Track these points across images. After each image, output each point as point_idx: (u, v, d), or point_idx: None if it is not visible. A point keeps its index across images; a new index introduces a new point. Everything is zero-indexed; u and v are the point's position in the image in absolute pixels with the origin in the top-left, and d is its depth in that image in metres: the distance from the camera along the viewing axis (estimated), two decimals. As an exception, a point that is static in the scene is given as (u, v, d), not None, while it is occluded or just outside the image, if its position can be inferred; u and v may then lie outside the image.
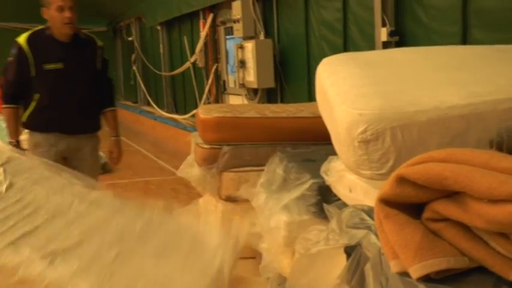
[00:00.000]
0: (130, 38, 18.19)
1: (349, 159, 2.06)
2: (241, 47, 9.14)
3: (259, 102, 9.36)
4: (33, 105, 4.02)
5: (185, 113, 13.54)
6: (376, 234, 1.68)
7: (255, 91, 9.42)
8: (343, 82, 2.25)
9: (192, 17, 12.61)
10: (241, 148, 3.66)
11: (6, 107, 4.05)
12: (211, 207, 3.98)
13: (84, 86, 4.17)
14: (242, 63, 9.15)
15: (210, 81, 11.65)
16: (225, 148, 3.63)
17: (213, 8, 11.28)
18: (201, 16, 11.74)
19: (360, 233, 1.75)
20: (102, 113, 4.38)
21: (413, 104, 2.01)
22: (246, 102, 9.77)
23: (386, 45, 6.25)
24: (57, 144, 4.05)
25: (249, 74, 9.07)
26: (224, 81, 11.31)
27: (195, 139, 3.97)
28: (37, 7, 4.17)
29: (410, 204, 1.55)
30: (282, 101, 8.98)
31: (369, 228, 1.75)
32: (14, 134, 4.06)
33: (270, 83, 8.90)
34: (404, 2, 6.14)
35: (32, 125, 4.08)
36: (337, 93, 2.15)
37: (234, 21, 9.46)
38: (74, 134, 4.14)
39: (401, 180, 1.51)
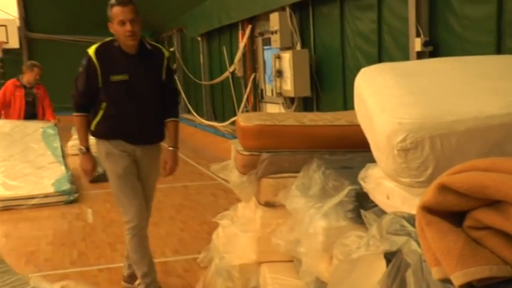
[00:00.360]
0: (171, 49, 18.34)
1: (388, 166, 2.02)
2: (279, 57, 9.15)
3: (295, 110, 9.35)
4: (100, 114, 3.98)
5: (224, 120, 13.59)
6: (416, 241, 1.65)
7: (291, 100, 9.41)
8: (382, 91, 2.22)
9: (232, 29, 12.67)
10: (279, 155, 3.63)
11: (76, 115, 4.03)
12: (250, 212, 3.97)
13: (149, 97, 4.09)
14: (279, 73, 9.16)
15: (248, 90, 11.67)
16: (264, 155, 3.60)
17: (252, 20, 11.32)
18: (240, 27, 11.78)
19: (400, 240, 1.72)
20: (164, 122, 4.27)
21: (452, 113, 1.97)
22: (283, 110, 9.77)
23: (420, 55, 6.18)
24: (125, 150, 4.03)
25: (286, 83, 9.07)
26: (262, 90, 11.33)
27: (235, 146, 3.97)
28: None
29: (452, 212, 1.52)
30: (318, 109, 8.96)
31: (409, 235, 1.71)
32: (84, 140, 4.07)
33: (306, 92, 8.88)
34: (438, 12, 6.07)
35: (99, 133, 4.04)
36: (376, 103, 2.12)
37: (272, 33, 9.48)
38: (138, 144, 4.08)
39: (444, 188, 1.48)
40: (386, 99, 2.09)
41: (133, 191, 4.05)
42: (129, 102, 3.99)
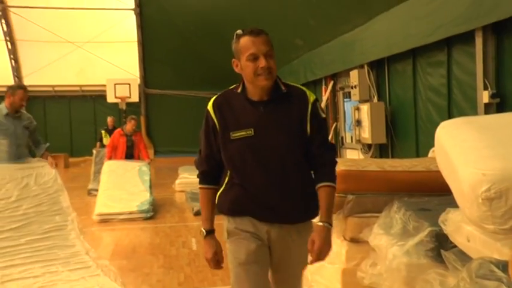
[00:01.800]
0: (263, 101, 18.59)
1: (472, 213, 1.92)
2: (358, 109, 9.06)
3: (372, 155, 9.18)
4: (225, 183, 2.65)
5: (308, 162, 13.53)
6: (508, 287, 1.53)
7: (369, 146, 9.25)
8: (462, 144, 2.14)
9: (316, 84, 12.71)
10: (363, 197, 3.56)
11: (200, 187, 2.74)
12: (335, 246, 3.88)
13: (287, 157, 2.57)
14: (358, 122, 9.06)
15: (330, 137, 11.60)
16: (350, 196, 3.54)
17: (333, 76, 11.31)
18: (323, 83, 11.80)
19: (491, 285, 1.60)
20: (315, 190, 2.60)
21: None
22: (361, 155, 9.61)
23: (487, 106, 5.94)
24: (254, 230, 2.60)
25: (364, 131, 8.95)
26: (342, 137, 11.24)
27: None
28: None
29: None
30: (393, 155, 8.75)
31: (500, 280, 1.60)
32: (206, 221, 2.67)
33: (382, 139, 8.71)
34: (504, 66, 5.84)
35: (222, 207, 2.66)
36: (459, 154, 2.04)
37: (352, 87, 9.42)
38: (273, 222, 2.59)
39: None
40: (468, 151, 2.01)
41: (255, 286, 2.54)
42: (257, 166, 2.55)
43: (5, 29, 19.44)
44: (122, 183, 9.23)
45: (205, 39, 17.43)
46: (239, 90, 2.70)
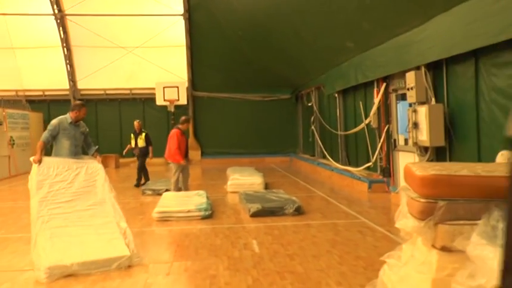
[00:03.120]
0: (309, 104, 18.33)
1: None
2: (415, 111, 8.70)
3: (429, 159, 8.80)
4: None
5: (357, 165, 13.20)
6: None
7: (425, 149, 8.88)
8: None
9: (366, 86, 12.38)
10: (455, 203, 3.26)
11: None
12: (420, 254, 3.61)
13: None
14: (415, 125, 8.70)
15: (382, 139, 11.24)
16: (441, 202, 3.25)
17: (386, 78, 10.97)
18: (375, 85, 11.45)
19: None
20: None
21: None
22: (417, 158, 9.24)
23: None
24: None
25: (421, 133, 8.58)
26: (395, 140, 10.85)
27: (406, 193, 3.65)
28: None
29: None
30: (451, 158, 8.36)
31: None
32: None
33: (440, 142, 8.33)
34: None
35: None
36: None
37: (408, 89, 9.07)
38: None
39: None
40: None
41: None
42: None
43: (62, 35, 19.78)
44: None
45: (252, 43, 17.29)
46: None
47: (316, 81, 16.90)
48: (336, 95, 14.82)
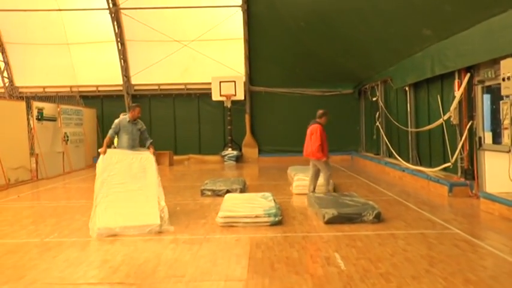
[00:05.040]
0: (374, 98, 17.30)
1: None
2: (514, 105, 7.66)
3: (528, 159, 7.74)
4: None
5: (430, 165, 12.15)
6: None
7: (525, 148, 7.82)
8: None
9: (443, 78, 11.31)
10: None
11: None
12: None
13: None
14: (514, 121, 7.66)
15: (464, 137, 10.17)
16: None
17: (470, 69, 9.89)
18: (456, 76, 10.38)
19: None
20: None
21: None
22: (509, 158, 8.17)
23: None
24: None
25: (521, 131, 7.54)
26: (480, 138, 9.74)
27: None
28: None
29: None
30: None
31: None
32: None
33: (544, 140, 7.27)
34: None
35: None
36: None
37: (504, 79, 8.01)
38: None
39: None
40: None
41: None
42: None
43: (116, 30, 19.50)
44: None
45: (314, 34, 16.41)
46: None
47: (382, 74, 15.86)
48: (407, 88, 13.77)
